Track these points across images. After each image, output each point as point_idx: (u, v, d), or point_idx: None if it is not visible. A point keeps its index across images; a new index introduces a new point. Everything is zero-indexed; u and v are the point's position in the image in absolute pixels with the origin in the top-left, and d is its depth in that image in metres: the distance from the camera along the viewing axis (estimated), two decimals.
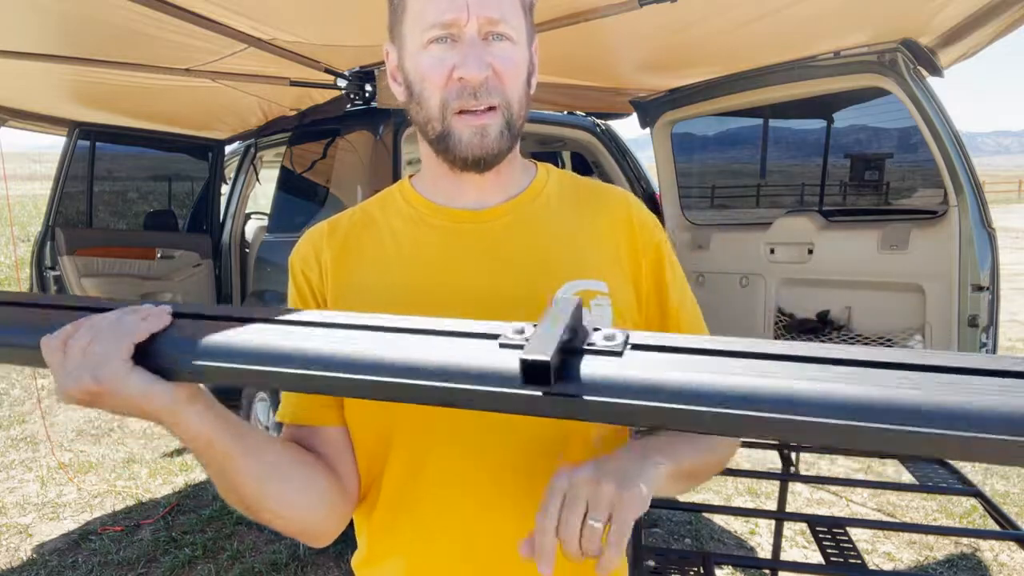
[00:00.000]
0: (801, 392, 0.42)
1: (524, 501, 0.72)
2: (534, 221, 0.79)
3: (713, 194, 3.40)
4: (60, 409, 4.89)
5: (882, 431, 0.40)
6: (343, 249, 0.80)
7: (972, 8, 1.95)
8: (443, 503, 0.75)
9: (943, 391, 0.40)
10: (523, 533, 0.69)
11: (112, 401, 0.56)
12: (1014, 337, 6.74)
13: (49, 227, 3.53)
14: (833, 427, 0.41)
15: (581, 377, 0.47)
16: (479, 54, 0.69)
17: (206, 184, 4.22)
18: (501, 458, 0.73)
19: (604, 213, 0.81)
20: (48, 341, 0.57)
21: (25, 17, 2.06)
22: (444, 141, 0.73)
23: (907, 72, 2.18)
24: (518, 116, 0.74)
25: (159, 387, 0.56)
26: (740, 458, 3.96)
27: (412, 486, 0.76)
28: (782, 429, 0.43)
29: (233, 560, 2.86)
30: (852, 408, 0.41)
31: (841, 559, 1.50)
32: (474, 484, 0.74)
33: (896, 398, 0.40)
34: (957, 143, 2.22)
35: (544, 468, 0.71)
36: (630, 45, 2.44)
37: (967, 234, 2.24)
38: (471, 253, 0.77)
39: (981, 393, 0.39)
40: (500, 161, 0.75)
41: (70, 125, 3.57)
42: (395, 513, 0.78)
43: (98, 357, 0.55)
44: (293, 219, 3.14)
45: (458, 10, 0.69)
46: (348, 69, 2.76)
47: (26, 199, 17.11)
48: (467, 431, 0.73)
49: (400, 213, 0.82)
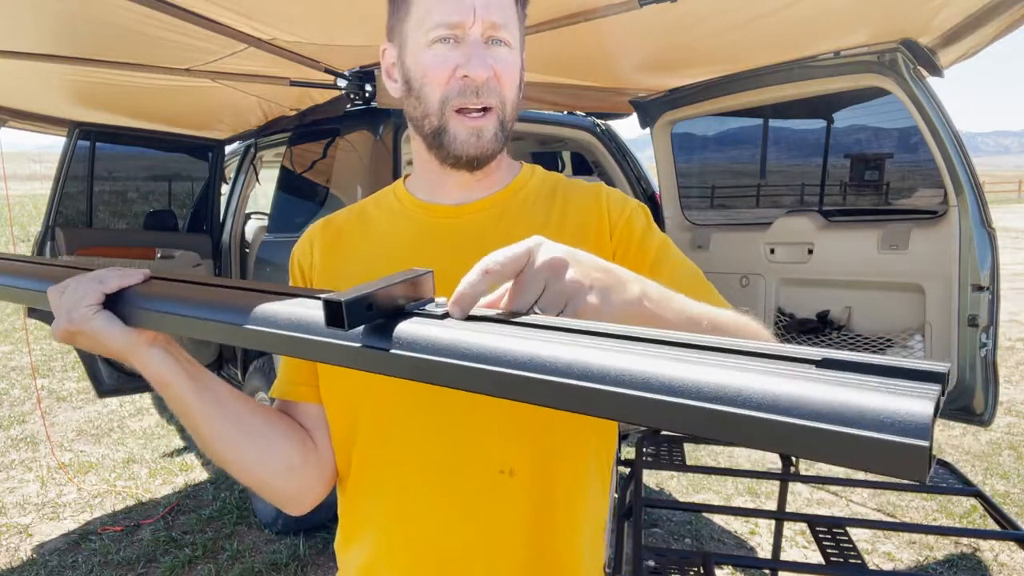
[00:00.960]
0: (550, 356, 0.43)
1: (483, 477, 0.76)
2: (509, 215, 0.82)
3: (713, 194, 3.40)
4: (60, 409, 4.89)
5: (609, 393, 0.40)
6: (334, 242, 0.86)
7: (972, 8, 1.95)
8: (405, 482, 0.78)
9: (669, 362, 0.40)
10: (483, 510, 0.75)
11: (83, 339, 0.68)
12: (1014, 337, 6.74)
13: (49, 227, 3.52)
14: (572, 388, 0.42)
15: (393, 333, 0.49)
16: (483, 55, 0.73)
17: (206, 184, 4.21)
18: (458, 435, 0.76)
19: (576, 203, 0.83)
20: (51, 289, 0.70)
21: (25, 17, 2.06)
22: (439, 137, 0.76)
23: (907, 72, 2.18)
24: (510, 119, 0.78)
25: (116, 328, 0.67)
26: (740, 458, 3.96)
27: (377, 465, 0.80)
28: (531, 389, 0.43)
29: (233, 560, 2.86)
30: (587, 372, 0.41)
31: (841, 559, 1.50)
32: (434, 463, 0.77)
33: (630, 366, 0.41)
34: (957, 143, 2.22)
35: (498, 444, 0.76)
36: (630, 45, 2.44)
37: (967, 234, 2.24)
38: (444, 246, 0.80)
39: (706, 364, 0.39)
40: (490, 162, 0.79)
41: (70, 125, 3.57)
42: (362, 494, 0.82)
43: (73, 301, 0.67)
44: (293, 219, 3.13)
45: (465, 13, 0.72)
46: (348, 69, 2.76)
47: (26, 199, 17.10)
48: (425, 410, 0.76)
49: (390, 210, 0.86)
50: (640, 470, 1.95)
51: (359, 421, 0.79)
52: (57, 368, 5.98)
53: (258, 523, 3.15)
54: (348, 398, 0.80)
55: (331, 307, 0.48)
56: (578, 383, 0.41)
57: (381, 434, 0.78)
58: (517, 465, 0.75)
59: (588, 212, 0.82)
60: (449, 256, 0.77)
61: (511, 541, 0.76)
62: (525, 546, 0.77)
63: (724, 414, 0.37)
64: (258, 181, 4.26)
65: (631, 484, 1.92)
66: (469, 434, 0.75)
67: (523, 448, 0.76)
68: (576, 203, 0.83)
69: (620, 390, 0.40)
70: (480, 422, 0.75)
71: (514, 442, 0.76)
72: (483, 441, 0.75)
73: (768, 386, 0.36)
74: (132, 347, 0.69)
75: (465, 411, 0.75)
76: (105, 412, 4.81)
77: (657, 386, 0.39)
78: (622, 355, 0.42)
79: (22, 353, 6.41)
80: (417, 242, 0.81)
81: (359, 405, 0.79)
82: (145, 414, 4.79)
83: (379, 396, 0.77)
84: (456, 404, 0.74)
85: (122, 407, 4.89)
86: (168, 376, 0.72)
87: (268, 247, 3.33)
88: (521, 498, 0.76)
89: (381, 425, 0.78)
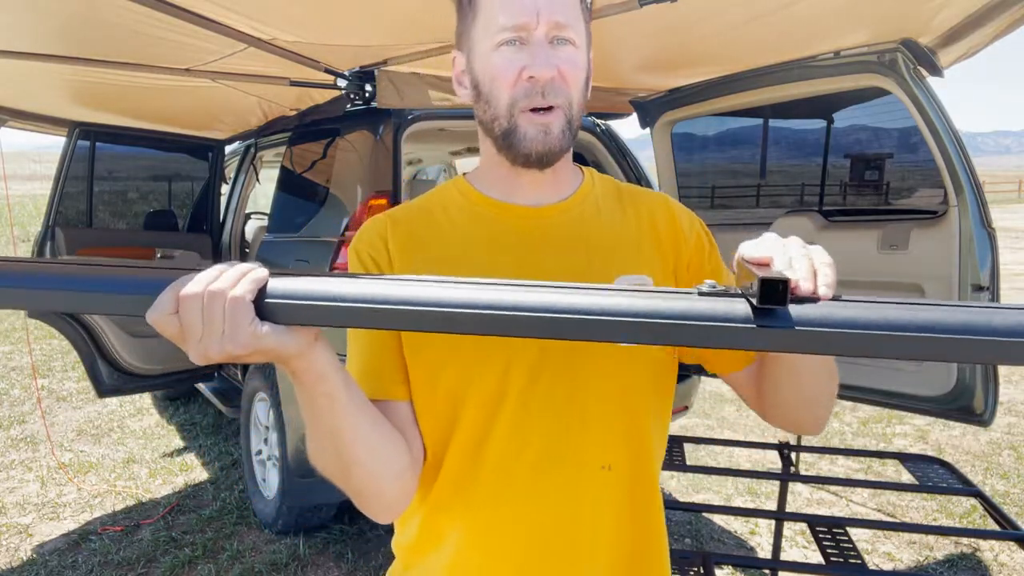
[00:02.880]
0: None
1: (586, 472, 0.79)
2: (586, 221, 0.85)
3: (713, 194, 3.40)
4: (60, 409, 4.90)
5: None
6: (408, 240, 0.83)
7: (972, 8, 1.95)
8: (509, 477, 0.79)
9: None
10: (588, 505, 0.79)
11: (254, 358, 0.60)
12: None
13: (49, 227, 3.52)
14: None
15: (812, 315, 0.55)
16: (547, 55, 0.75)
17: (206, 184, 4.21)
18: (562, 430, 0.78)
19: (647, 209, 0.88)
20: (170, 317, 0.58)
21: (25, 17, 2.06)
22: (509, 137, 0.78)
23: (907, 72, 2.18)
24: (577, 117, 0.79)
25: (286, 336, 0.59)
26: (740, 458, 3.96)
27: (475, 461, 0.79)
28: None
29: (233, 560, 2.86)
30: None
31: (841, 559, 1.50)
32: (539, 457, 0.78)
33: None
34: (957, 143, 2.22)
35: (599, 440, 0.79)
36: (630, 45, 2.44)
37: (967, 234, 2.24)
38: (534, 247, 0.82)
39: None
40: (559, 159, 0.80)
41: (70, 125, 3.57)
42: (456, 490, 0.81)
43: (230, 328, 0.57)
44: (293, 219, 3.13)
45: (528, 14, 0.74)
46: (348, 69, 2.76)
47: (26, 199, 17.11)
48: (530, 405, 0.78)
49: (461, 209, 0.86)
50: None
51: (464, 411, 0.79)
52: (57, 368, 5.98)
53: (258, 523, 3.15)
54: (452, 390, 0.79)
55: (772, 283, 0.53)
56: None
57: (484, 428, 0.78)
58: (615, 460, 0.80)
59: (661, 219, 0.87)
60: (537, 257, 0.81)
61: (612, 535, 0.81)
62: (625, 540, 0.82)
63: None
64: (258, 181, 4.27)
65: None
66: (572, 430, 0.78)
67: (619, 443, 0.80)
68: (647, 208, 0.88)
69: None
70: (583, 418, 0.78)
71: (612, 437, 0.80)
72: (585, 437, 0.79)
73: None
74: (303, 348, 0.61)
75: (568, 407, 0.78)
76: (105, 412, 4.81)
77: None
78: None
79: (22, 353, 6.41)
80: (497, 241, 0.82)
81: (463, 396, 0.79)
82: (145, 414, 4.80)
83: (483, 388, 0.78)
84: (559, 400, 0.78)
85: (122, 407, 4.89)
86: (329, 369, 0.65)
87: (268, 247, 3.33)
88: (619, 493, 0.81)
89: (486, 418, 0.78)
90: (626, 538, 0.82)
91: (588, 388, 0.78)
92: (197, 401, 4.88)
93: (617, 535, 0.81)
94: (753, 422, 4.64)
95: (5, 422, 4.60)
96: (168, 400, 4.97)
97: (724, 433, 4.46)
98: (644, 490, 0.83)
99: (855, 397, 2.63)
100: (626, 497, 0.81)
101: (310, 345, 0.62)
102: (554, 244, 0.82)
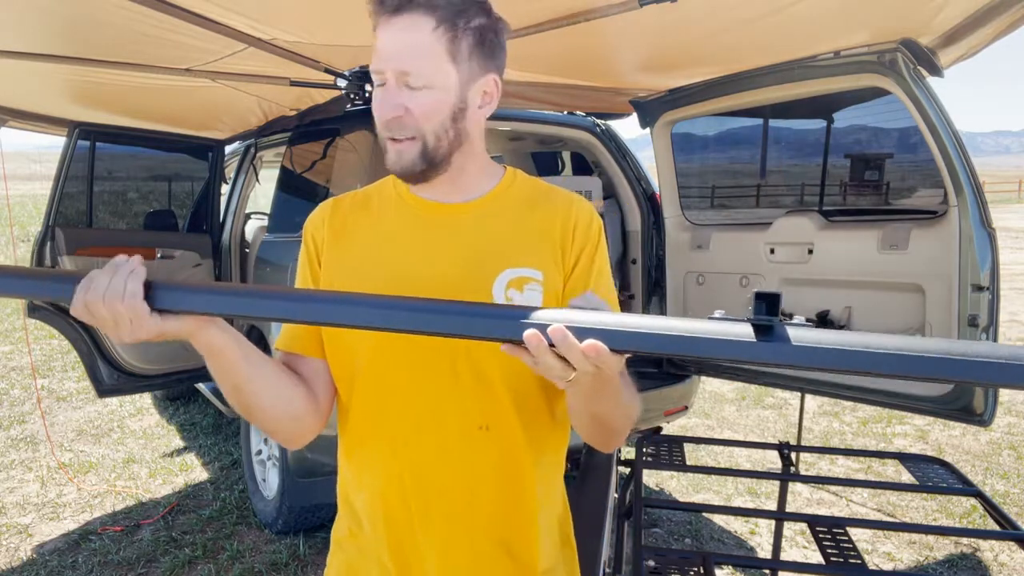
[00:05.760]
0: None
1: (463, 431, 0.91)
2: (491, 218, 0.95)
3: (713, 194, 3.40)
4: (60, 409, 4.90)
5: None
6: (342, 228, 0.98)
7: (972, 8, 1.95)
8: (397, 433, 0.93)
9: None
10: (463, 459, 0.92)
11: (160, 339, 0.79)
12: (1014, 337, 6.74)
13: (49, 227, 3.52)
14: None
15: (795, 335, 0.66)
16: (391, 98, 0.86)
17: (206, 184, 4.21)
18: (442, 396, 0.91)
19: (550, 212, 0.97)
20: (87, 318, 0.76)
21: (25, 17, 2.06)
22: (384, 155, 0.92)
23: (907, 72, 2.18)
24: (440, 144, 0.89)
25: (179, 322, 0.78)
26: (740, 458, 3.96)
27: (373, 418, 0.94)
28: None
29: (233, 560, 2.86)
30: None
31: (841, 559, 1.50)
32: (422, 417, 0.92)
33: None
34: (957, 143, 2.22)
35: (477, 404, 0.91)
36: (630, 45, 2.44)
37: (967, 234, 2.24)
38: (439, 238, 0.94)
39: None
40: (427, 178, 0.91)
41: (70, 125, 3.57)
42: (361, 443, 0.96)
43: (129, 329, 0.76)
44: (293, 219, 3.13)
45: (380, 62, 0.87)
46: (348, 69, 2.76)
47: (26, 199, 17.10)
48: (416, 372, 0.91)
49: (390, 200, 0.99)
50: (640, 470, 1.94)
51: (357, 377, 0.94)
52: (57, 368, 5.98)
53: (258, 523, 3.15)
54: (349, 355, 0.93)
55: (767, 298, 0.65)
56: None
57: (377, 393, 0.93)
58: (492, 422, 0.91)
59: (560, 220, 0.96)
60: (443, 246, 0.93)
61: (484, 485, 0.93)
62: (495, 488, 0.93)
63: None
64: (258, 181, 4.26)
65: (631, 484, 1.91)
66: (451, 396, 0.91)
67: (496, 407, 0.91)
68: (556, 209, 0.97)
69: None
70: (460, 385, 0.90)
71: (488, 402, 0.91)
72: (463, 402, 0.91)
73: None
74: (195, 329, 0.80)
75: (446, 375, 0.90)
76: (105, 412, 4.81)
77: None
78: None
79: (22, 353, 6.41)
80: (415, 232, 0.95)
81: (357, 360, 0.93)
82: (145, 414, 4.80)
83: (375, 358, 0.92)
84: (439, 368, 0.90)
85: (122, 407, 4.89)
86: (224, 343, 0.82)
87: (268, 247, 3.33)
88: (493, 449, 0.92)
89: (377, 385, 0.93)
90: (498, 487, 0.93)
91: (471, 350, 0.88)
92: (197, 401, 4.88)
93: (490, 484, 0.93)
94: (753, 422, 4.64)
95: (5, 422, 4.60)
96: (168, 400, 4.97)
97: (724, 433, 4.46)
98: (519, 445, 0.93)
99: (856, 397, 2.63)
100: (501, 452, 0.92)
101: (201, 327, 0.80)
102: (456, 238, 0.94)
